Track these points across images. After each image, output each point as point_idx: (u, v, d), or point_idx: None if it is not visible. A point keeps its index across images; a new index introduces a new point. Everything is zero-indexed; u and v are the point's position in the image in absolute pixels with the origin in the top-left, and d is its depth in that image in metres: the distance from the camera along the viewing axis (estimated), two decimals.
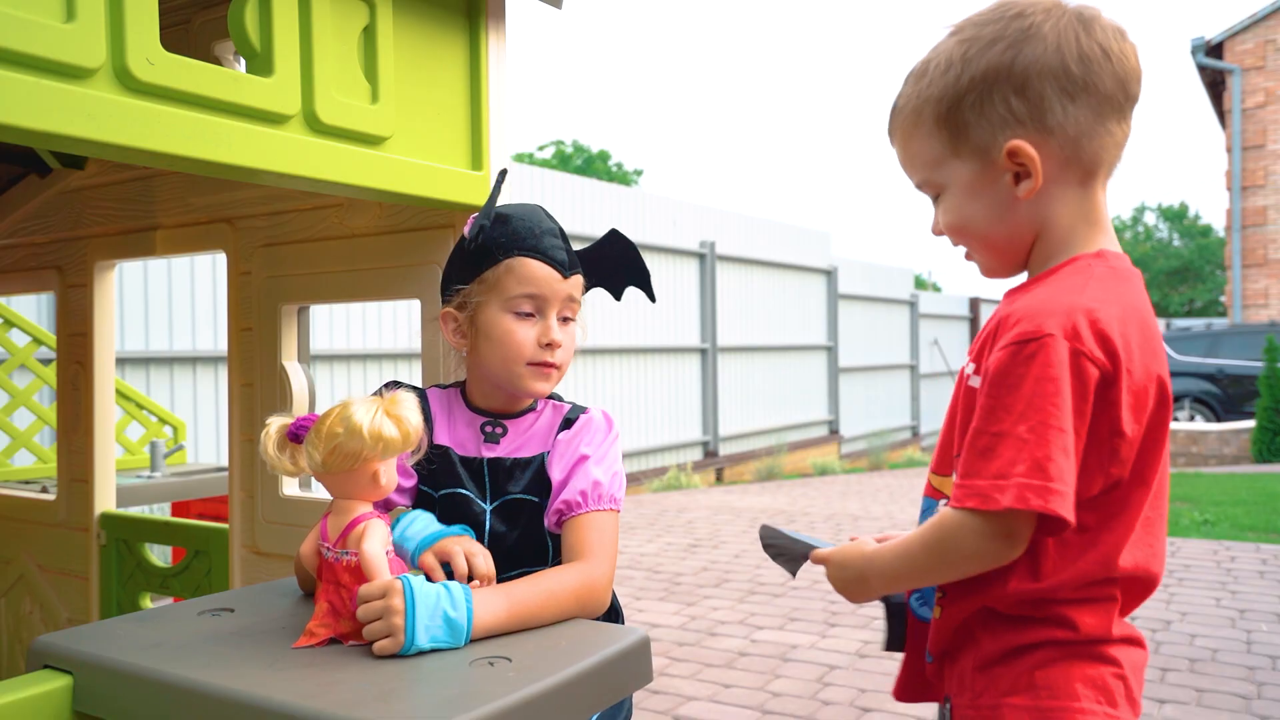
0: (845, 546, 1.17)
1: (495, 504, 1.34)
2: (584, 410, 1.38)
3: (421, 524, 1.25)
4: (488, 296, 1.33)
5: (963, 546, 1.00)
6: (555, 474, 1.32)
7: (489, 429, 1.37)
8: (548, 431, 1.36)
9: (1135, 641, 1.09)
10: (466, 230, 1.34)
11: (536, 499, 1.33)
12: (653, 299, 1.46)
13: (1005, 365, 0.99)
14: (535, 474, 1.34)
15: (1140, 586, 1.07)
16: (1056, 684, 1.03)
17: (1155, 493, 1.06)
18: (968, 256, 1.18)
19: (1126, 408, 1.00)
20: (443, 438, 1.36)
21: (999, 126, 1.07)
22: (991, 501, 0.97)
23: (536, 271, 1.32)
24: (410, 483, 1.35)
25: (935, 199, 1.16)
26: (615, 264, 1.45)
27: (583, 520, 1.29)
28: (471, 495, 1.34)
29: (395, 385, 1.29)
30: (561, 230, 1.38)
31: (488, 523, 1.34)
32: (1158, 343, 1.04)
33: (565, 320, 1.37)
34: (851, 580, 1.14)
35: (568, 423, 1.36)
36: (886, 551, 1.10)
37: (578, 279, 1.37)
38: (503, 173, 1.38)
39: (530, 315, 1.33)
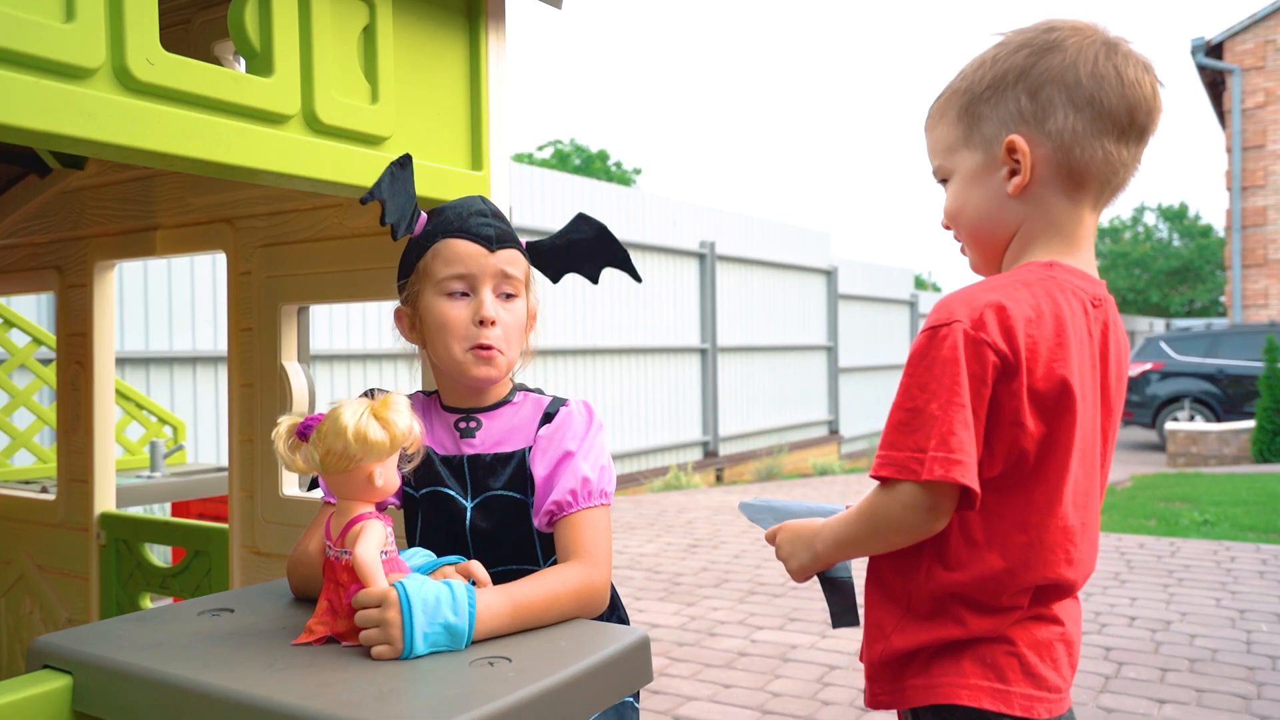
0: (798, 520, 1.26)
1: (476, 500, 1.33)
2: (564, 403, 1.37)
3: (420, 558, 1.25)
4: (423, 285, 1.34)
5: (889, 516, 1.08)
6: (539, 470, 1.31)
7: (462, 425, 1.36)
8: (528, 426, 1.35)
9: (1043, 620, 1.13)
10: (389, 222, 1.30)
11: (518, 495, 1.32)
12: (637, 279, 1.42)
13: (922, 347, 1.07)
14: (516, 470, 1.32)
15: (1055, 593, 1.13)
16: (947, 665, 1.11)
17: (1081, 502, 1.11)
18: (962, 250, 1.25)
19: (1027, 403, 1.05)
20: (423, 440, 1.36)
21: (1005, 122, 1.14)
22: (910, 473, 1.04)
23: (460, 249, 1.31)
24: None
25: (945, 185, 1.24)
26: (587, 249, 1.43)
27: (575, 519, 1.28)
28: (453, 493, 1.34)
29: (378, 392, 1.25)
30: (495, 211, 1.36)
31: (468, 518, 1.33)
32: (1070, 350, 1.07)
33: (508, 298, 1.34)
34: (801, 549, 1.23)
35: (548, 417, 1.35)
36: (832, 522, 1.19)
37: (509, 254, 1.34)
38: (405, 157, 1.32)
39: (465, 295, 1.32)
